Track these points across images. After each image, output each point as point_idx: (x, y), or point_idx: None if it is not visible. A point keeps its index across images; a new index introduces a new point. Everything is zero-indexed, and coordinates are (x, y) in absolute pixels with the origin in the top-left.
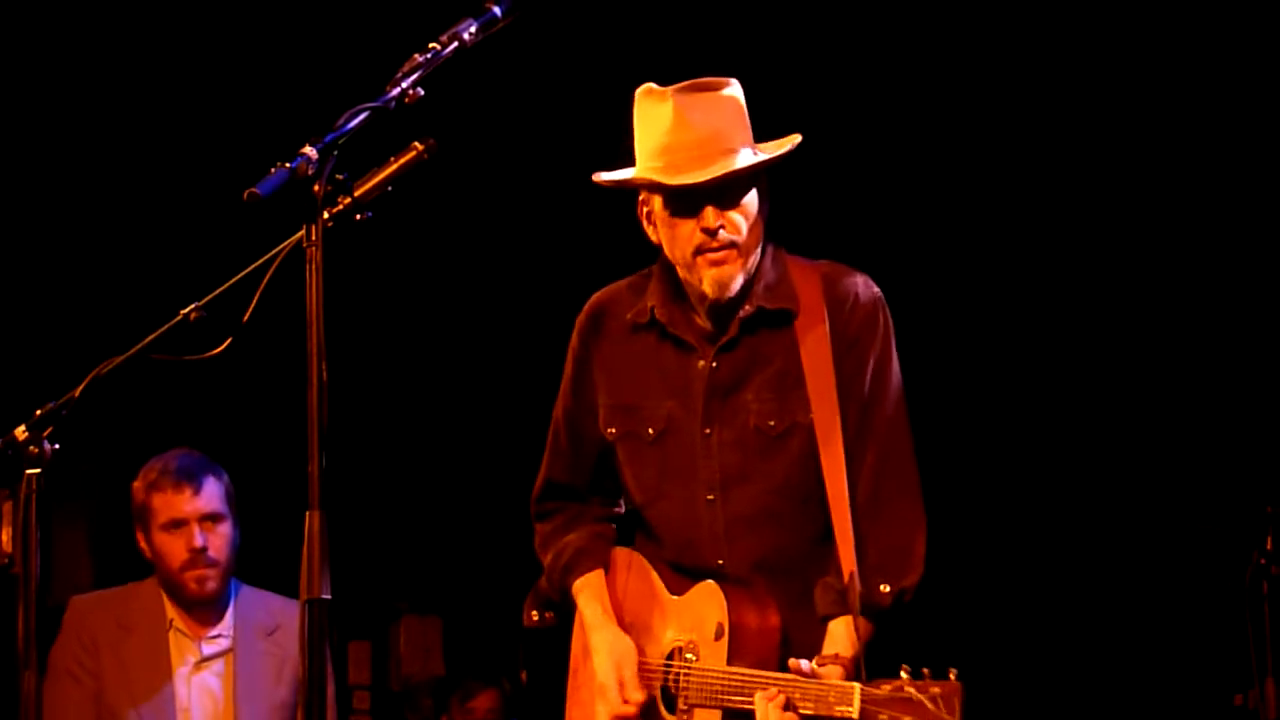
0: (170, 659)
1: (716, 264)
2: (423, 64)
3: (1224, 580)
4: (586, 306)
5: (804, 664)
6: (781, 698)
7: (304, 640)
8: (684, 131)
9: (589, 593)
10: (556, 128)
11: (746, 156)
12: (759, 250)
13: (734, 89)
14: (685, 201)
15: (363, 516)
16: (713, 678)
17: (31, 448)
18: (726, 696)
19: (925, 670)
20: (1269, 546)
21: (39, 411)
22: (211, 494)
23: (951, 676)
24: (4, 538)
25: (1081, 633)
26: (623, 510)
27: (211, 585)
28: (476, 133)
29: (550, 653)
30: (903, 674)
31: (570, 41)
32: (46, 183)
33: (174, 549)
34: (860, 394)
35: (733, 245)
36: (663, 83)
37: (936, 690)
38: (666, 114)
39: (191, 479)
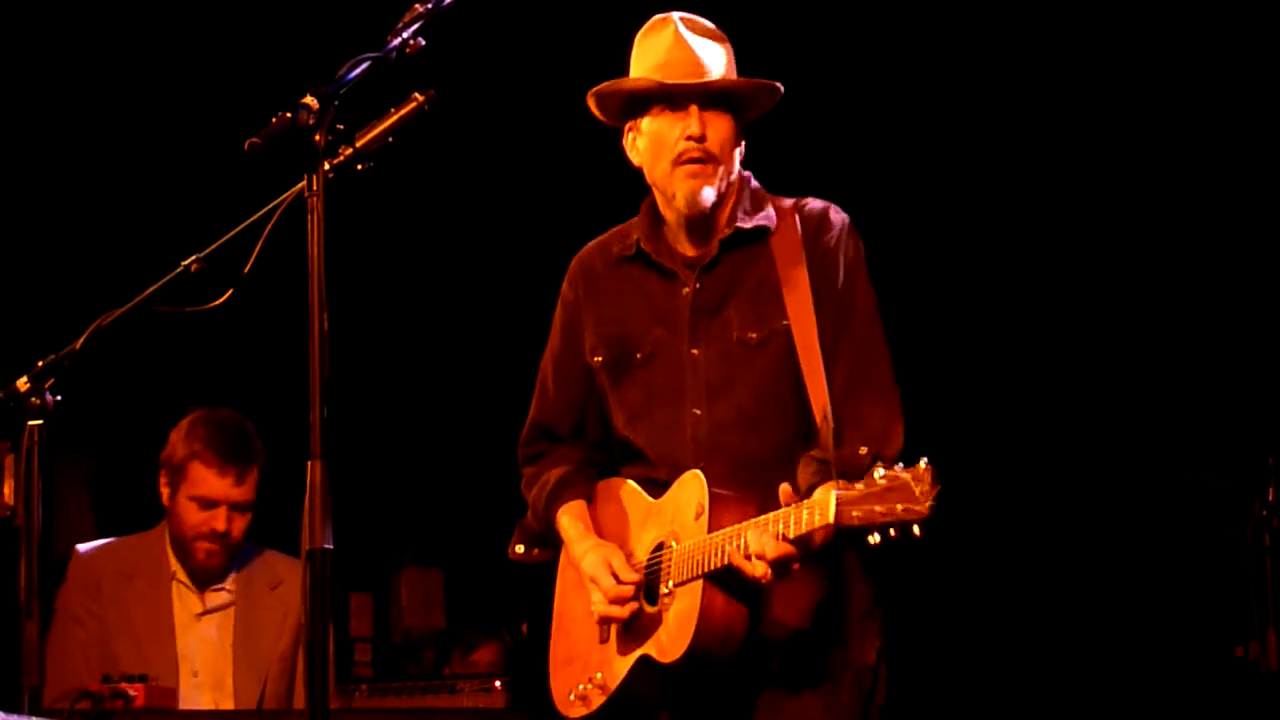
0: (172, 608)
1: (693, 176)
2: (424, 14)
3: (1226, 532)
4: (575, 258)
5: (788, 491)
6: (772, 528)
7: (306, 589)
8: (682, 50)
9: (570, 516)
10: (557, 76)
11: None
12: (734, 175)
13: (727, 42)
14: (673, 106)
15: (364, 468)
16: (694, 549)
17: (33, 399)
18: (707, 559)
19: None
20: (1270, 498)
21: (41, 363)
22: (252, 484)
23: (922, 462)
24: (6, 490)
25: (1083, 585)
26: (606, 458)
27: (218, 560)
28: (478, 82)
29: (551, 604)
30: (876, 469)
31: None
32: (48, 135)
33: (196, 520)
34: (834, 297)
35: (711, 159)
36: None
37: (909, 475)
38: (668, 35)
39: (238, 463)
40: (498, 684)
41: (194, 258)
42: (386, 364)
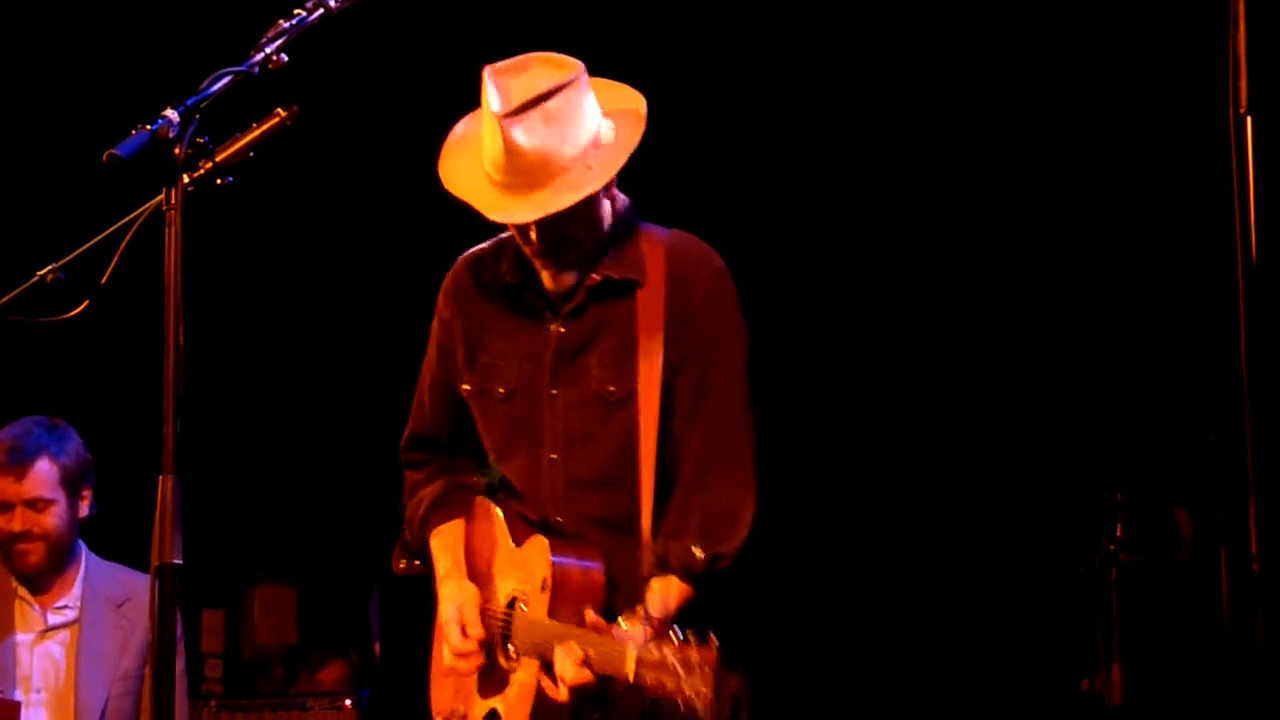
0: (13, 627)
1: (548, 266)
2: (287, 30)
3: (1073, 566)
4: (452, 269)
5: (600, 620)
6: (580, 652)
7: (154, 605)
8: (514, 158)
9: (441, 544)
10: (422, 95)
11: (577, 178)
12: (604, 227)
13: (569, 90)
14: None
15: (217, 483)
16: (535, 628)
17: None
18: (542, 648)
19: (689, 633)
20: (1118, 533)
21: None
22: (38, 479)
23: (711, 642)
24: None
25: (929, 618)
26: (486, 467)
27: (33, 560)
28: (341, 99)
29: (406, 622)
30: (673, 637)
31: (437, 7)
32: None
33: (1, 526)
34: (698, 364)
35: (563, 251)
36: (520, 46)
37: (696, 656)
38: (497, 139)
39: (18, 463)
40: (347, 702)
41: (50, 268)
42: (240, 379)
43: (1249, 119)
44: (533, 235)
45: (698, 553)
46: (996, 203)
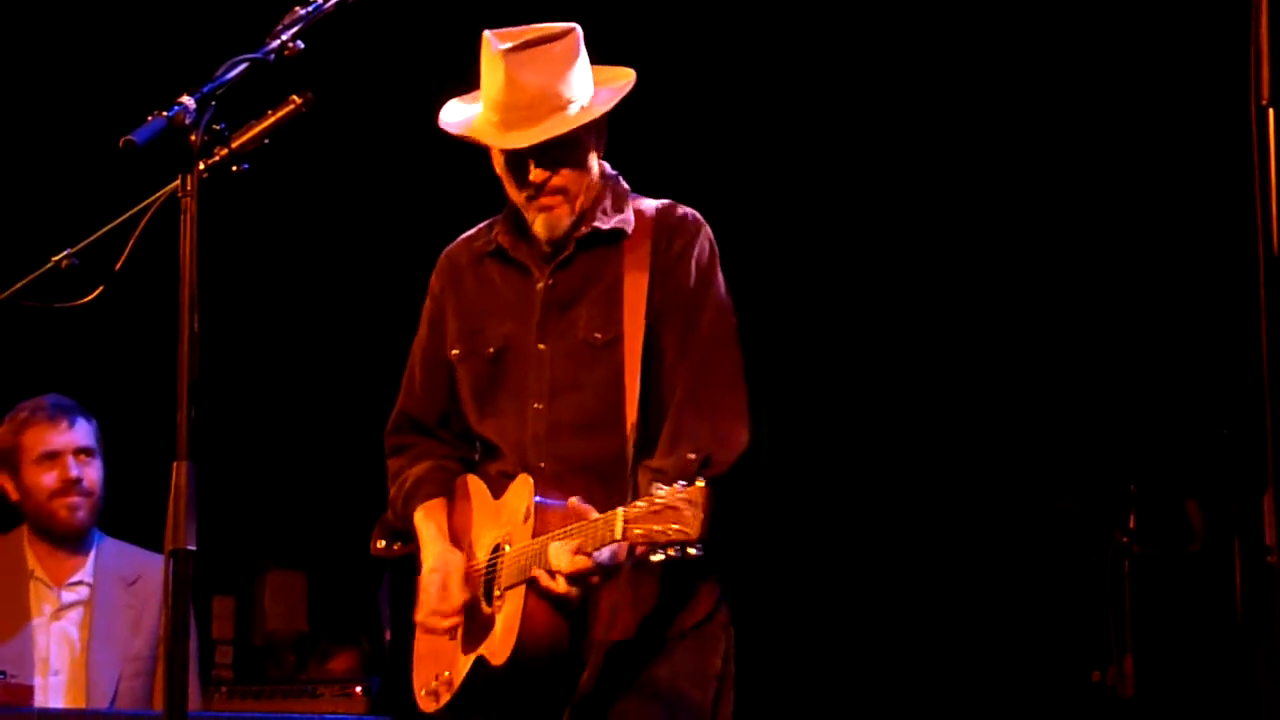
0: (29, 608)
1: (545, 209)
2: (303, 17)
3: (1085, 558)
4: (444, 251)
5: (582, 505)
6: (572, 543)
7: (167, 590)
8: (515, 92)
9: (425, 516)
10: (436, 82)
11: (574, 112)
12: (595, 182)
13: (568, 40)
14: (515, 156)
15: (229, 469)
16: (521, 554)
17: None
18: (530, 565)
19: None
20: (1131, 525)
21: None
22: (84, 430)
23: (699, 483)
24: None
25: (941, 610)
26: (471, 450)
27: (82, 515)
28: (356, 86)
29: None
30: (656, 489)
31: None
32: None
33: (46, 481)
34: (685, 302)
35: (560, 192)
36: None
37: (684, 496)
38: (499, 74)
39: (66, 414)
40: (358, 689)
41: (65, 253)
42: (253, 366)
43: (1270, 111)
44: (532, 175)
45: (691, 457)
46: (1012, 192)
